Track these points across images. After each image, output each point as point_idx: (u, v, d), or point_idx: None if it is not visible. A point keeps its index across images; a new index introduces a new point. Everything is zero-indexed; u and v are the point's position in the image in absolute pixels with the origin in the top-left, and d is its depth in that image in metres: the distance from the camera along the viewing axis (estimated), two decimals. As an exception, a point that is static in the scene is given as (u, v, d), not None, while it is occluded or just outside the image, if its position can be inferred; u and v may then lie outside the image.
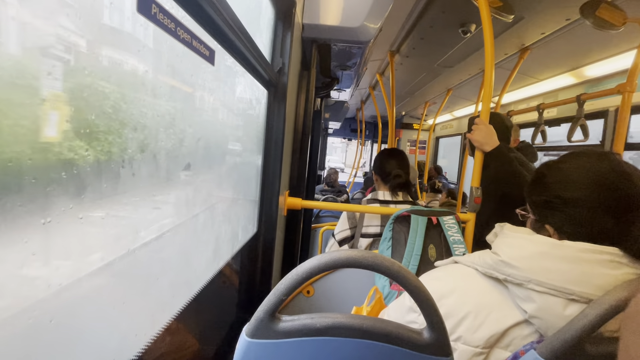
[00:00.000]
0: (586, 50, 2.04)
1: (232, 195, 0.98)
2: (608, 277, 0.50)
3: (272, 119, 1.21)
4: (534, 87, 2.79)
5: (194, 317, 0.90)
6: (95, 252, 0.43)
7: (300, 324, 0.47)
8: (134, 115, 0.47)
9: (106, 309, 0.47)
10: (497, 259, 0.59)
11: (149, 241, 0.55)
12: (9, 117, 0.29)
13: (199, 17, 0.59)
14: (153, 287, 0.58)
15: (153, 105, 0.52)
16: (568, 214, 0.57)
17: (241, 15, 0.72)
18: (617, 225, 0.53)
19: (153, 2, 0.42)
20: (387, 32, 2.16)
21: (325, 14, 1.34)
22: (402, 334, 0.47)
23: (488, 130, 1.26)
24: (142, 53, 0.47)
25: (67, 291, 0.38)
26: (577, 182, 0.57)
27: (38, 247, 0.33)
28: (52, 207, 0.34)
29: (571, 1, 1.50)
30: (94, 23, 0.38)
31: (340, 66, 1.89)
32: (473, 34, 1.92)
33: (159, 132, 0.54)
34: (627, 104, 1.52)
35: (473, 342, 0.57)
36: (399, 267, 0.46)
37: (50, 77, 0.32)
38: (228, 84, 0.86)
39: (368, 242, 1.46)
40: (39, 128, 0.33)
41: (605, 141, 2.17)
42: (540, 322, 0.53)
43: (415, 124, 5.66)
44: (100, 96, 0.40)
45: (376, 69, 3.07)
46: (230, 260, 1.02)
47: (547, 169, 0.64)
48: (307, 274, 0.46)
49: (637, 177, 0.54)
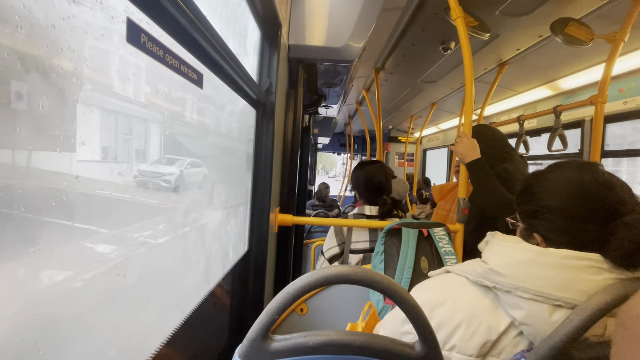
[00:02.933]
0: (560, 64, 2.16)
1: (222, 215, 0.98)
2: (590, 283, 0.52)
3: (260, 137, 1.22)
4: (513, 99, 2.91)
5: (185, 341, 0.88)
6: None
7: (293, 343, 0.47)
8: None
9: (94, 336, 0.46)
10: (486, 267, 0.60)
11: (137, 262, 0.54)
12: None
13: (187, 43, 0.60)
14: (142, 311, 0.57)
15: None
16: (553, 222, 0.59)
17: (228, 39, 0.74)
18: (600, 232, 0.55)
19: (142, 32, 0.43)
20: (371, 51, 2.23)
21: (310, 35, 1.39)
22: (395, 349, 0.47)
23: (470, 143, 1.30)
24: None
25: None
26: (561, 191, 0.60)
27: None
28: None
29: (542, 19, 1.60)
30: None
31: (326, 84, 1.94)
32: (453, 51, 2.01)
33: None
34: (600, 114, 1.59)
35: (467, 350, 0.58)
36: (389, 281, 0.47)
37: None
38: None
39: (358, 258, 1.44)
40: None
41: (584, 149, 2.25)
42: (529, 328, 0.54)
43: (402, 137, 5.77)
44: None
45: (362, 85, 3.16)
46: (221, 280, 1.01)
47: (534, 178, 0.66)
48: (298, 292, 0.46)
49: (619, 186, 0.57)
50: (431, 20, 1.70)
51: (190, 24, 0.55)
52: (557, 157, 2.49)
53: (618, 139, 2.18)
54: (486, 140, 1.36)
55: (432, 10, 1.61)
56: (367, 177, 1.47)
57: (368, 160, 1.57)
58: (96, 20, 0.40)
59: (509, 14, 1.58)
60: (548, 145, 1.92)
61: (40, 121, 0.35)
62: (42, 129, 0.36)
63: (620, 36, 1.48)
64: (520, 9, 1.54)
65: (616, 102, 2.02)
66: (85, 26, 0.39)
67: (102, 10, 0.41)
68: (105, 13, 0.41)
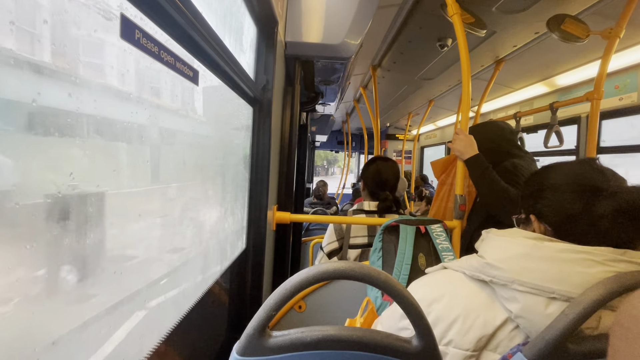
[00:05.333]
0: (556, 60, 2.16)
1: (220, 212, 0.97)
2: (584, 275, 0.53)
3: (257, 135, 1.22)
4: (510, 96, 2.92)
5: (183, 338, 0.88)
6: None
7: (290, 339, 0.47)
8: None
9: (93, 332, 0.46)
10: (482, 261, 0.61)
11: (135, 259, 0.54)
12: None
13: (182, 40, 0.60)
14: (140, 308, 0.57)
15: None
16: (548, 198, 0.64)
17: (224, 36, 0.73)
18: (587, 207, 0.59)
19: (136, 28, 0.43)
20: (368, 48, 2.23)
21: (307, 32, 1.38)
22: (392, 344, 0.47)
23: (467, 140, 1.30)
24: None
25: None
26: (558, 173, 0.66)
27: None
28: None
29: (538, 16, 1.60)
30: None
31: (324, 81, 1.94)
32: (450, 48, 2.01)
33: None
34: (595, 111, 1.60)
35: (464, 345, 0.58)
36: (386, 277, 0.47)
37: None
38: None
39: (357, 253, 1.46)
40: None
41: (580, 146, 2.27)
42: (525, 321, 0.55)
43: (400, 135, 5.78)
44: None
45: (359, 83, 3.15)
46: (219, 278, 1.01)
47: (541, 168, 0.72)
48: (296, 287, 0.46)
49: (611, 174, 0.61)
50: (428, 17, 1.70)
51: (185, 21, 0.55)
52: (554, 153, 2.51)
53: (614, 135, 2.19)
54: (495, 139, 1.38)
55: (428, 7, 1.60)
56: (378, 169, 1.52)
57: (383, 157, 1.62)
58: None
59: (505, 10, 1.58)
60: (544, 141, 1.93)
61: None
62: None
63: (615, 33, 1.48)
64: (517, 5, 1.54)
65: (612, 99, 2.03)
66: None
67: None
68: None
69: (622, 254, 0.53)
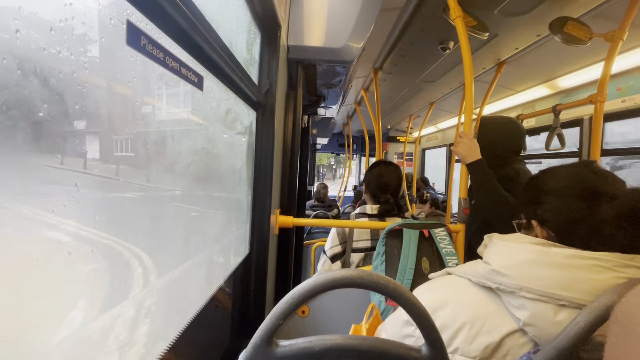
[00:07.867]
0: (558, 63, 2.16)
1: (223, 218, 0.97)
2: (594, 282, 0.52)
3: (260, 139, 1.21)
4: (512, 98, 2.91)
5: (186, 347, 0.87)
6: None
7: (298, 348, 0.46)
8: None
9: (96, 343, 0.45)
10: (488, 268, 0.60)
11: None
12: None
13: (187, 46, 0.60)
14: (145, 317, 0.56)
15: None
16: (549, 203, 0.63)
17: (227, 40, 0.73)
18: (588, 212, 0.58)
19: (142, 34, 0.43)
20: (369, 51, 2.23)
21: (310, 36, 1.38)
22: (401, 353, 0.47)
23: (471, 144, 1.30)
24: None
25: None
26: (558, 177, 0.65)
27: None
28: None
29: (541, 18, 1.60)
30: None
31: (325, 85, 1.94)
32: (452, 50, 2.01)
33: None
34: (599, 113, 1.59)
35: (470, 353, 0.57)
36: (395, 284, 0.46)
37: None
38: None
39: (360, 257, 1.45)
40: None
41: (582, 148, 2.26)
42: (534, 329, 0.54)
43: (401, 137, 5.77)
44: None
45: (361, 86, 3.15)
46: (223, 284, 1.00)
47: (539, 173, 0.71)
48: (303, 296, 0.46)
49: (611, 177, 0.61)
50: (430, 20, 1.70)
51: (190, 26, 0.55)
52: (556, 155, 2.50)
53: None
54: (492, 137, 1.39)
55: (431, 10, 1.60)
56: (380, 173, 1.54)
57: (386, 161, 1.64)
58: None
59: (507, 13, 1.58)
60: (546, 144, 1.92)
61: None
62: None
63: (618, 35, 1.48)
64: (519, 8, 1.54)
65: (615, 101, 2.03)
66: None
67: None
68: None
69: (631, 259, 0.52)
